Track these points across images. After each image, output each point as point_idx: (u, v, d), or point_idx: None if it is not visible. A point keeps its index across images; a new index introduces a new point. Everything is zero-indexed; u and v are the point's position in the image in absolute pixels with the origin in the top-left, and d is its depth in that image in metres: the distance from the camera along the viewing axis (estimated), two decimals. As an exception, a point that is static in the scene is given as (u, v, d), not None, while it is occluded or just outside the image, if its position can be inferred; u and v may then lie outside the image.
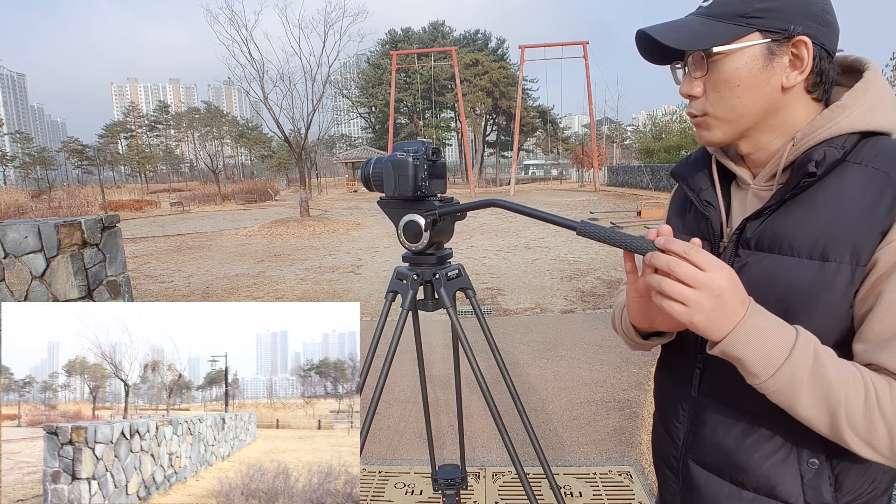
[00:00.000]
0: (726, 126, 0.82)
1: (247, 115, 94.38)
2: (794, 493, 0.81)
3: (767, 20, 0.75)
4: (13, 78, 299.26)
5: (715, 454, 0.89)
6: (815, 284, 0.75)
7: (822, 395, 0.69)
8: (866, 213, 0.73)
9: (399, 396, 3.85)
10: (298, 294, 7.39)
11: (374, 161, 1.43)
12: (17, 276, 4.39)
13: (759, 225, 0.82)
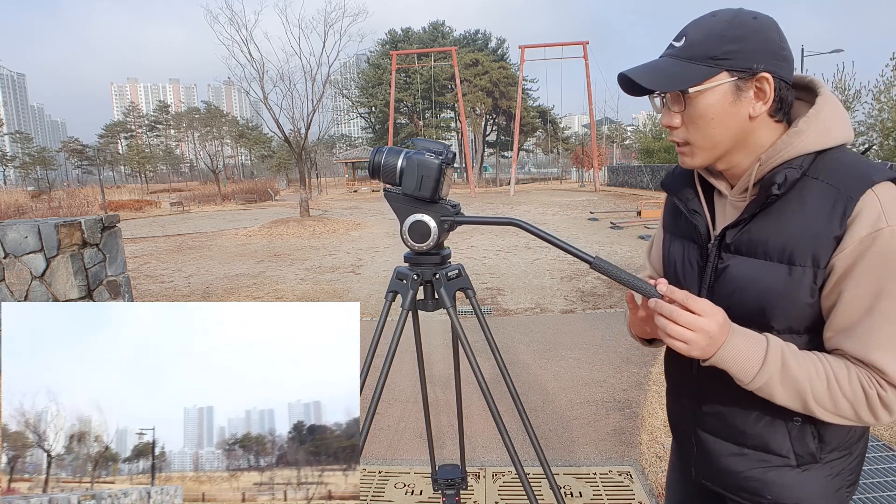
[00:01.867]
0: (705, 153, 0.97)
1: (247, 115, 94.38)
2: (784, 447, 1.00)
3: (734, 61, 0.88)
4: (13, 78, 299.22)
5: (716, 422, 1.07)
6: (787, 284, 0.91)
7: (791, 388, 0.88)
8: (823, 223, 0.87)
9: (399, 396, 3.85)
10: (298, 294, 7.39)
11: (386, 150, 1.39)
12: (17, 276, 4.39)
13: (737, 233, 0.97)
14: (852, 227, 0.85)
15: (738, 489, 1.07)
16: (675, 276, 1.11)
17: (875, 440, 2.98)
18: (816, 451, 0.99)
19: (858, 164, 0.89)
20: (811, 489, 1.01)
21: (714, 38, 0.89)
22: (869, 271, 0.85)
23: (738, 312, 0.94)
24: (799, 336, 0.94)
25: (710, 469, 1.11)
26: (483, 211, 20.07)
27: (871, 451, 2.87)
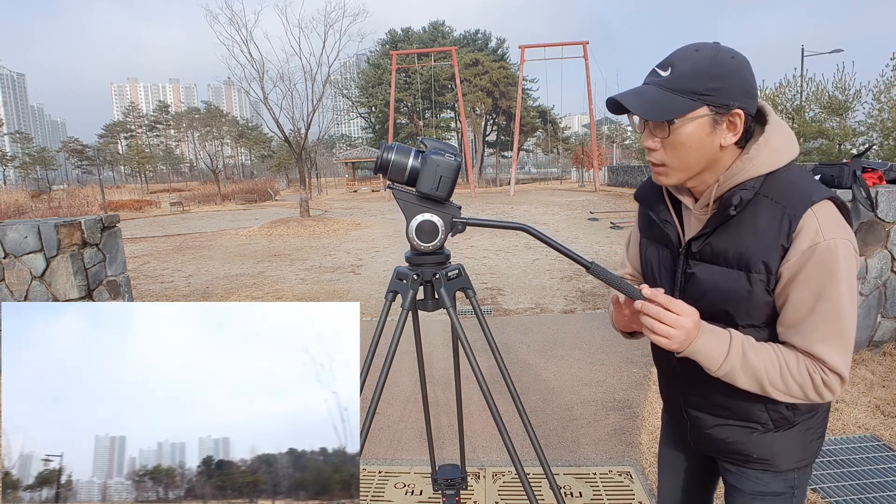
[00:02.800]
0: (680, 174, 1.09)
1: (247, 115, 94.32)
2: (763, 417, 1.17)
3: (714, 97, 1.00)
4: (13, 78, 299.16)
5: (700, 400, 1.24)
6: (746, 288, 1.07)
7: (750, 374, 1.05)
8: (773, 236, 1.03)
9: (399, 396, 3.85)
10: (298, 294, 7.39)
11: (395, 147, 1.37)
12: (17, 276, 4.39)
13: (701, 244, 1.12)
14: (796, 241, 1.01)
15: (728, 453, 1.24)
16: (651, 275, 1.27)
17: (875, 440, 2.98)
18: (791, 416, 1.16)
19: (802, 185, 1.05)
20: (788, 444, 1.19)
21: (699, 74, 1.00)
22: (810, 278, 1.01)
23: (708, 311, 1.09)
24: (760, 329, 1.10)
25: (702, 439, 1.29)
26: (483, 211, 20.08)
27: (872, 451, 2.87)
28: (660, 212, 1.22)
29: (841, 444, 2.95)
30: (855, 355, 4.10)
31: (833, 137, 16.97)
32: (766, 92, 19.16)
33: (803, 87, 18.20)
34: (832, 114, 17.28)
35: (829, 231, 0.99)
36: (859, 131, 17.00)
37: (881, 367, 3.95)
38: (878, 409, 3.34)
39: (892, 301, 4.19)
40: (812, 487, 2.59)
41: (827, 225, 1.00)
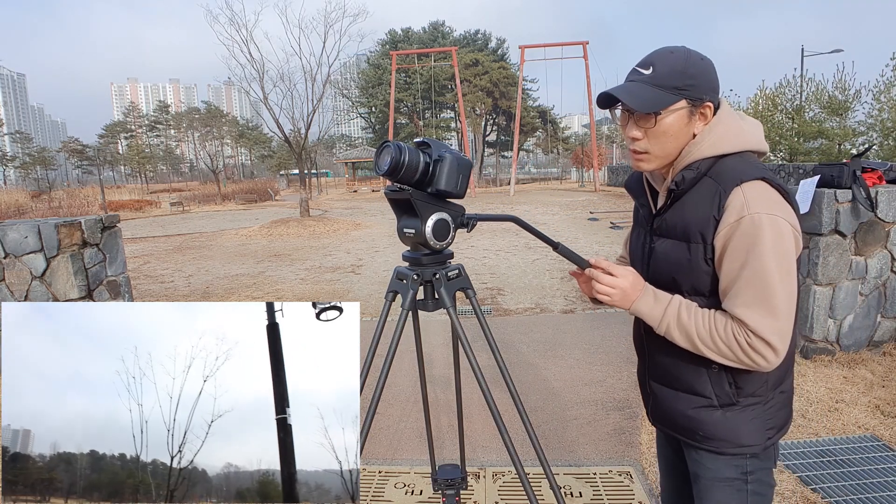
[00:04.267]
0: (658, 160, 1.23)
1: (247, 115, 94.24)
2: (707, 390, 1.27)
3: (691, 92, 1.16)
4: (13, 78, 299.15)
5: (660, 371, 1.36)
6: (686, 257, 1.21)
7: (684, 333, 1.19)
8: (707, 209, 1.16)
9: (399, 396, 3.85)
10: (298, 294, 7.39)
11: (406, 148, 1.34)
12: (17, 276, 4.39)
13: (659, 220, 1.28)
14: (724, 214, 1.13)
15: (680, 428, 1.34)
16: (632, 254, 1.43)
17: (875, 440, 2.99)
18: (733, 395, 1.24)
19: (739, 167, 1.17)
20: (736, 427, 1.26)
21: (677, 72, 1.15)
22: (736, 248, 1.12)
23: (660, 281, 1.27)
24: (705, 298, 1.21)
25: (658, 412, 1.40)
26: (483, 211, 20.06)
27: (872, 451, 2.87)
28: (639, 197, 1.39)
29: (841, 444, 2.95)
30: (855, 355, 4.10)
31: (833, 137, 16.96)
32: (766, 92, 19.15)
33: (803, 87, 18.19)
34: (832, 114, 17.27)
35: (754, 206, 1.11)
36: (859, 131, 16.99)
37: (881, 367, 3.95)
38: (878, 409, 3.34)
39: (892, 301, 4.19)
40: (812, 487, 2.59)
41: (754, 201, 1.11)
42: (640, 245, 1.37)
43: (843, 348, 4.15)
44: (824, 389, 3.61)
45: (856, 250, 4.01)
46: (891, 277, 4.15)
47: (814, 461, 2.81)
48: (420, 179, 1.36)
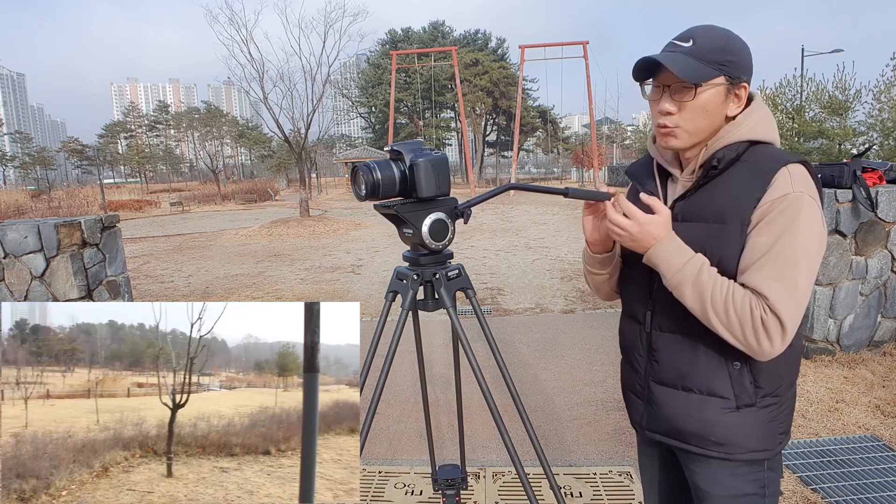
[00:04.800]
0: (689, 138, 1.16)
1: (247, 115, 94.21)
2: (727, 390, 1.18)
3: (730, 69, 1.12)
4: (13, 78, 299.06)
5: (669, 372, 1.24)
6: (720, 240, 1.13)
7: (698, 292, 1.10)
8: (748, 190, 1.11)
9: (399, 396, 3.85)
10: (298, 294, 7.39)
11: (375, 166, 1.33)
12: (16, 276, 4.39)
13: (683, 204, 1.20)
14: (769, 191, 1.09)
15: (686, 435, 1.23)
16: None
17: (875, 440, 2.98)
18: (753, 394, 1.17)
19: (778, 152, 1.14)
20: (750, 430, 1.18)
21: (719, 47, 1.11)
22: (772, 223, 1.08)
23: None
24: None
25: (658, 419, 1.28)
26: (483, 211, 20.07)
27: (872, 451, 2.87)
28: (647, 184, 1.30)
29: (841, 444, 2.95)
30: (855, 355, 4.10)
31: (833, 137, 16.95)
32: (766, 92, 19.14)
33: (803, 87, 18.18)
34: (832, 114, 17.26)
35: (798, 185, 1.08)
36: (859, 131, 16.98)
37: (881, 367, 3.95)
38: (878, 409, 3.34)
39: (892, 301, 4.18)
40: (812, 487, 2.59)
41: (798, 180, 1.08)
42: None
43: (844, 348, 4.15)
44: (824, 389, 3.60)
45: (856, 250, 4.01)
46: (891, 277, 4.15)
47: (814, 461, 2.80)
48: (402, 189, 1.35)
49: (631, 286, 1.35)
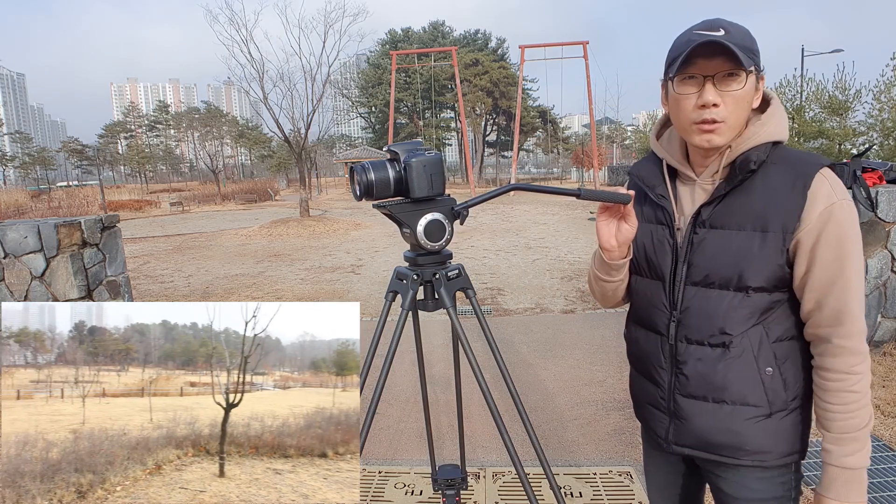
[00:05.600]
0: (731, 132, 1.08)
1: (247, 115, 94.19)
2: (760, 398, 1.13)
3: (757, 59, 1.06)
4: (13, 78, 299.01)
5: (698, 384, 1.18)
6: (760, 248, 1.07)
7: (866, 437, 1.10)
8: (786, 196, 1.06)
9: (399, 396, 3.85)
10: (298, 294, 7.39)
11: (369, 166, 1.34)
12: (16, 276, 4.39)
13: (712, 209, 1.12)
14: (811, 202, 1.04)
15: (716, 447, 1.18)
16: (645, 256, 1.24)
17: (875, 440, 2.98)
18: (785, 399, 1.14)
19: (806, 154, 1.11)
20: (783, 435, 1.15)
21: (747, 37, 1.06)
22: (831, 239, 1.04)
23: (717, 277, 1.12)
24: (769, 294, 1.10)
25: (687, 434, 1.21)
26: (483, 210, 20.07)
27: (872, 451, 2.87)
28: (655, 187, 1.22)
29: (841, 444, 2.95)
30: (855, 355, 4.10)
31: (833, 137, 16.95)
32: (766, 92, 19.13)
33: (803, 87, 18.18)
34: (832, 114, 17.26)
35: (840, 192, 1.05)
36: (859, 131, 16.98)
37: (881, 367, 3.95)
38: (878, 409, 3.34)
39: (892, 301, 4.18)
40: (812, 487, 2.58)
41: (836, 187, 1.05)
42: (664, 242, 1.20)
43: (844, 348, 4.15)
44: (824, 389, 3.60)
45: (856, 250, 4.01)
46: (891, 277, 4.15)
47: (814, 461, 2.80)
48: (398, 190, 1.35)
49: (646, 294, 1.26)
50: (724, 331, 1.12)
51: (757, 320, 1.11)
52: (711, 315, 1.13)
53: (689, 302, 1.16)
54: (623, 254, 1.21)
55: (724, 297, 1.12)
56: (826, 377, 1.09)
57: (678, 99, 1.09)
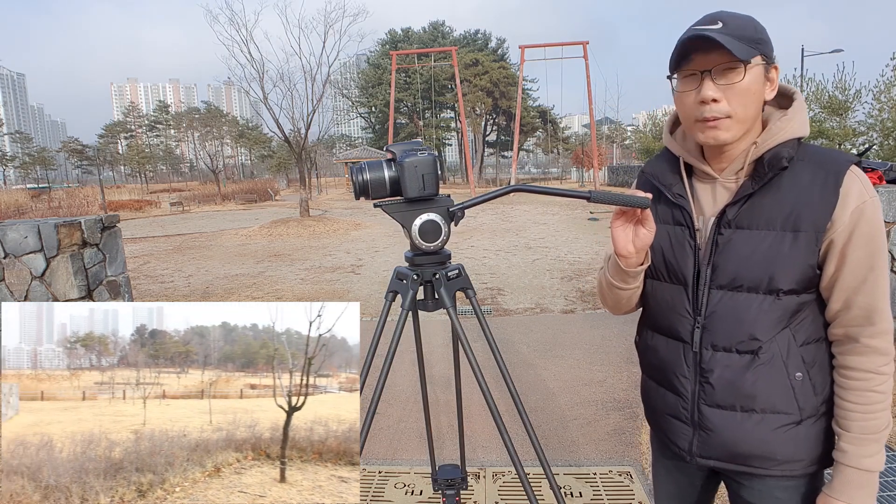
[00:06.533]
0: (739, 127, 1.04)
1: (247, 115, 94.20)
2: (791, 405, 1.09)
3: (764, 48, 1.02)
4: (13, 78, 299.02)
5: (726, 393, 1.12)
6: (792, 249, 1.03)
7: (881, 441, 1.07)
8: (818, 194, 1.02)
9: (399, 396, 3.85)
10: (298, 294, 7.39)
11: (365, 166, 1.36)
12: (16, 276, 4.39)
13: (738, 208, 1.07)
14: (843, 200, 1.01)
15: (745, 457, 1.13)
16: (663, 259, 1.18)
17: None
18: (816, 403, 1.10)
19: (833, 151, 1.08)
20: (813, 443, 1.11)
21: (750, 26, 1.02)
22: (863, 237, 1.02)
23: (746, 280, 1.07)
24: (797, 296, 1.06)
25: (714, 445, 1.16)
26: (483, 211, 20.08)
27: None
28: (672, 186, 1.16)
29: (841, 444, 2.95)
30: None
31: (833, 137, 16.95)
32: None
33: (803, 87, 18.18)
34: (832, 114, 17.26)
35: (869, 190, 1.03)
36: (859, 131, 16.98)
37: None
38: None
39: (892, 302, 4.18)
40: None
41: (867, 184, 1.03)
42: (682, 245, 1.14)
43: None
44: (824, 389, 3.61)
45: (856, 250, 4.01)
46: (891, 277, 4.14)
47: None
48: (395, 190, 1.36)
49: (666, 299, 1.20)
50: (754, 336, 1.07)
51: (786, 324, 1.07)
52: (740, 320, 1.08)
53: (715, 307, 1.10)
54: (640, 260, 1.15)
55: (754, 300, 1.07)
56: (850, 376, 1.06)
57: (680, 96, 1.07)
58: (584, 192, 1.14)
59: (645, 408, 1.35)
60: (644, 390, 1.34)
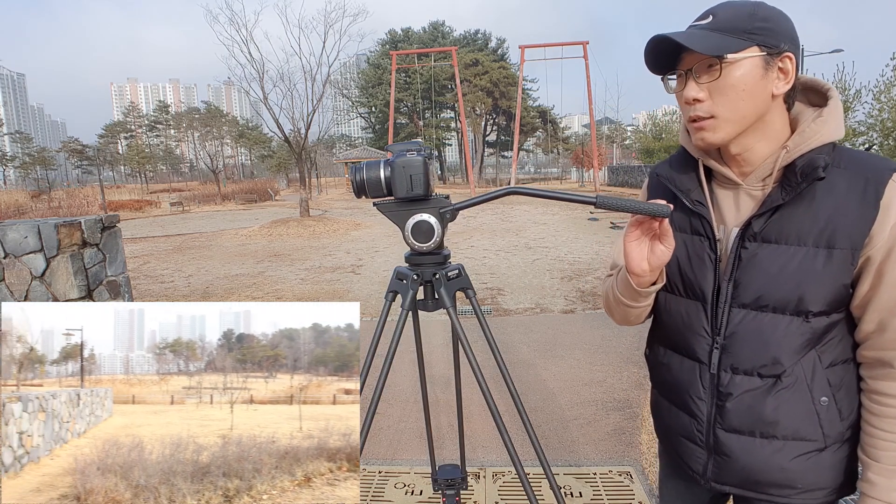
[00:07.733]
0: (729, 127, 0.95)
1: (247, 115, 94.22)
2: (815, 432, 1.01)
3: (764, 37, 0.92)
4: (13, 78, 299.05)
5: (744, 418, 1.04)
6: (825, 268, 0.94)
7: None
8: (856, 206, 0.92)
9: (399, 396, 3.85)
10: (298, 294, 7.39)
11: (364, 166, 1.38)
12: (17, 276, 4.39)
13: (765, 220, 0.97)
14: (883, 213, 0.91)
15: (765, 485, 1.06)
16: (679, 271, 1.08)
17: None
18: (841, 429, 1.02)
19: (872, 156, 0.97)
20: (836, 469, 1.04)
21: (744, 16, 0.93)
22: None
23: (772, 300, 0.98)
24: (827, 316, 0.97)
25: (731, 471, 1.08)
26: (483, 211, 20.08)
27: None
28: (690, 192, 1.06)
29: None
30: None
31: (833, 137, 16.93)
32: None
33: (803, 87, 18.15)
34: (832, 114, 17.24)
35: None
36: (859, 131, 16.98)
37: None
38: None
39: None
40: None
41: None
42: (701, 258, 1.05)
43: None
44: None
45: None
46: None
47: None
48: (388, 191, 1.37)
49: (681, 315, 1.10)
50: (778, 360, 0.99)
51: (813, 346, 0.99)
52: (764, 342, 0.99)
53: (736, 327, 1.02)
54: (654, 279, 1.05)
55: (780, 322, 0.98)
56: (883, 402, 0.97)
57: (677, 97, 1.01)
58: (591, 196, 1.06)
59: (656, 424, 1.28)
60: (655, 406, 1.26)
